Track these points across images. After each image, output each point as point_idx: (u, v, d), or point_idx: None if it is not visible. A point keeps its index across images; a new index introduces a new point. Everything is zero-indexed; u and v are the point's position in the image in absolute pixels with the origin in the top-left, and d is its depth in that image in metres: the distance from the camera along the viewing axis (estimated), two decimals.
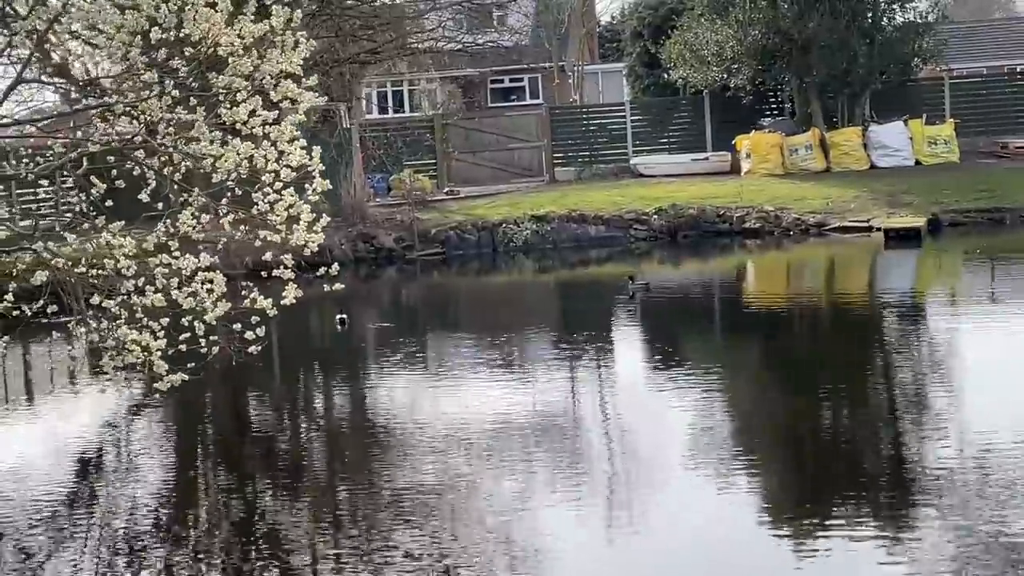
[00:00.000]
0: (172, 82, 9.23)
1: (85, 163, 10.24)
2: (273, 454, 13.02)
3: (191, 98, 9.16)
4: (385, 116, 47.24)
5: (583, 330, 19.09)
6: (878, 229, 26.62)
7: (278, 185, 9.59)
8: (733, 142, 34.57)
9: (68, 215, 9.75)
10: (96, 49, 10.00)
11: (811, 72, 33.45)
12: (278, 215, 9.65)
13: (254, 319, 9.68)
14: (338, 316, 19.76)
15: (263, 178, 9.52)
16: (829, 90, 33.99)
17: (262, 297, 9.62)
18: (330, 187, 9.89)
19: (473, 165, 37.36)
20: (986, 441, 11.08)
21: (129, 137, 9.57)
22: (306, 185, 9.93)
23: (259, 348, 9.74)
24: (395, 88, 49.28)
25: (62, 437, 14.17)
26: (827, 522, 9.46)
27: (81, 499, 11.58)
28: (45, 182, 27.01)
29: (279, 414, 15.23)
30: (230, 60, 9.24)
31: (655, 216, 29.25)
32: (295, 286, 9.70)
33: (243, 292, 9.69)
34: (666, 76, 39.76)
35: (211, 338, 9.72)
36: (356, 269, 27.64)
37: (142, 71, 8.98)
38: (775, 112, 37.16)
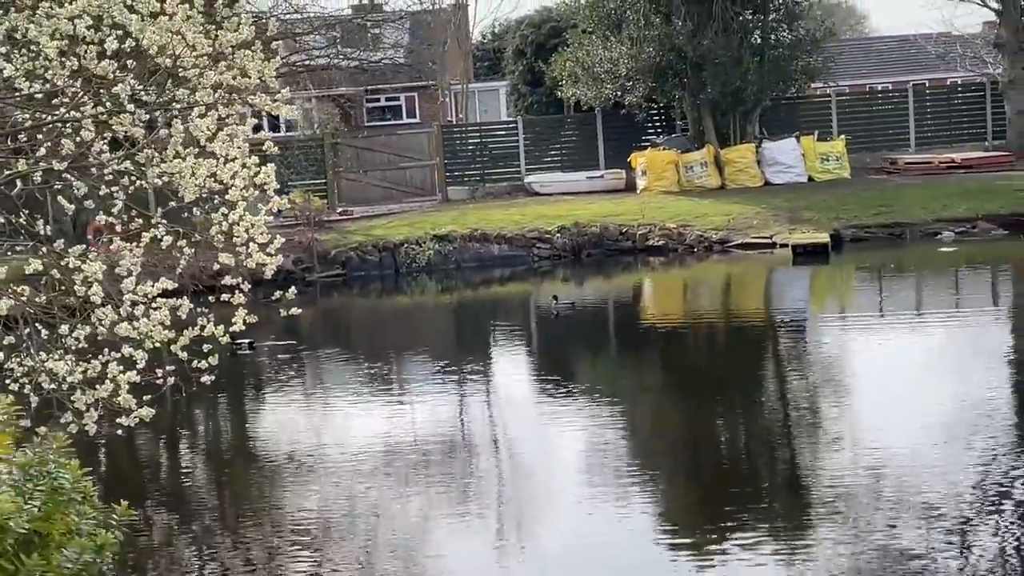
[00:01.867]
0: (131, 94, 8.50)
1: (19, 184, 9.43)
2: (157, 481, 12.72)
3: (159, 112, 8.44)
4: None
5: (491, 350, 18.92)
6: (783, 245, 26.69)
7: (241, 204, 9.00)
8: (628, 159, 34.41)
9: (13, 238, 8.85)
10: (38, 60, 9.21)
11: (705, 89, 33.51)
12: (238, 236, 9.07)
13: (206, 347, 9.03)
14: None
15: (229, 195, 8.93)
16: (721, 107, 34.09)
17: (212, 324, 9.01)
18: (287, 206, 9.32)
19: (363, 184, 36.56)
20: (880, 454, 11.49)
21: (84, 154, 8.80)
22: (259, 204, 9.38)
23: (212, 377, 9.08)
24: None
25: None
26: (724, 538, 9.70)
27: None
28: None
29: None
30: (194, 72, 8.57)
31: (558, 235, 28.91)
32: (246, 312, 9.07)
33: (198, 318, 9.07)
34: (553, 94, 39.52)
35: (167, 368, 9.03)
36: (254, 292, 26.62)
37: (106, 82, 8.21)
38: (666, 129, 37.18)
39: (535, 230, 29.27)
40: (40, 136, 9.21)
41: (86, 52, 8.35)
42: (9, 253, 9.61)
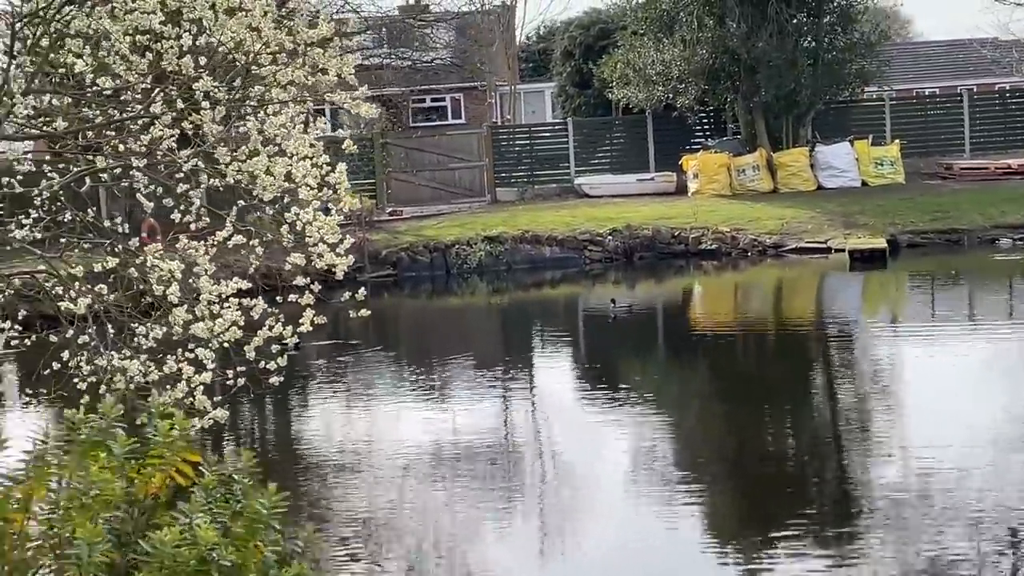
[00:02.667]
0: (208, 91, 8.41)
1: (87, 181, 9.39)
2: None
3: (233, 109, 8.35)
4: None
5: (541, 353, 18.80)
6: (838, 250, 26.38)
7: (314, 204, 8.95)
8: (680, 162, 34.14)
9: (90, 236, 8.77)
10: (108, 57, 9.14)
11: (758, 92, 33.19)
12: (310, 236, 9.00)
13: (274, 347, 8.94)
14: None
15: (301, 194, 8.86)
16: (774, 110, 33.76)
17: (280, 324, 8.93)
18: (357, 206, 9.26)
19: (413, 185, 36.48)
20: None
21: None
22: (330, 205, 9.30)
23: (280, 378, 8.99)
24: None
25: None
26: (771, 545, 9.63)
27: None
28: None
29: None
30: (269, 69, 8.50)
31: (609, 237, 28.71)
32: (313, 313, 8.96)
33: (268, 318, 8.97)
34: (602, 96, 39.28)
35: (238, 369, 8.93)
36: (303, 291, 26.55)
37: (180, 78, 8.13)
38: (717, 132, 36.87)
39: (586, 232, 29.07)
40: (110, 133, 9.15)
41: (164, 48, 8.28)
42: (75, 251, 9.54)
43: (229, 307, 8.88)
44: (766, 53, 32.28)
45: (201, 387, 8.26)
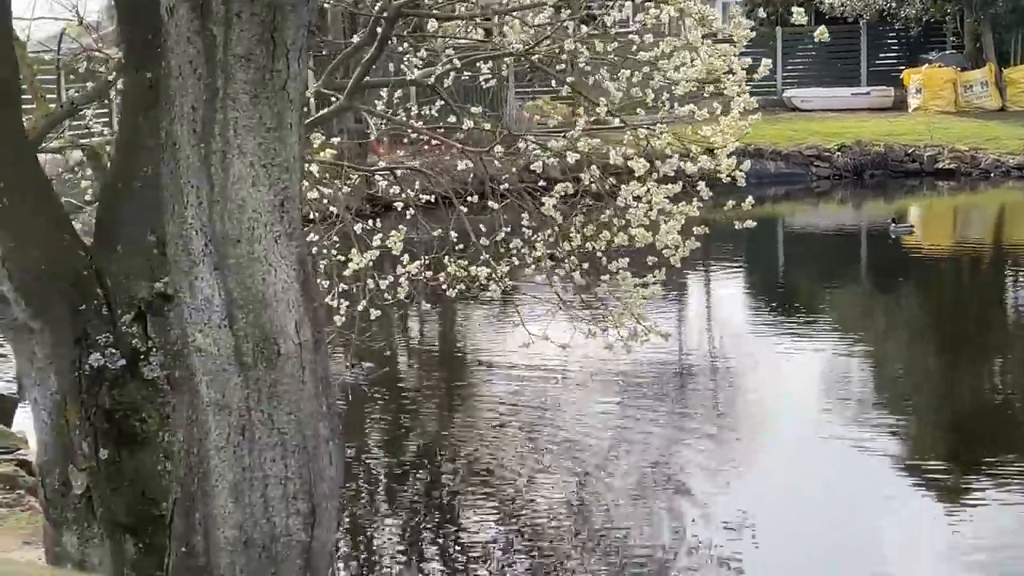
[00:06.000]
0: None
1: None
2: None
3: None
4: None
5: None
6: None
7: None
8: (901, 76, 32.38)
9: None
10: None
11: (993, 4, 31.17)
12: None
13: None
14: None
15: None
16: (1004, 22, 31.76)
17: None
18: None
19: None
20: None
21: None
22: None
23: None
24: None
25: None
26: (966, 481, 9.13)
27: None
28: None
29: None
30: None
31: (838, 153, 27.35)
32: None
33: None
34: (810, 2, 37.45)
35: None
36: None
37: None
38: (935, 46, 34.89)
39: (813, 147, 27.72)
40: None
41: None
42: None
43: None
44: None
45: None
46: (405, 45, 8.00)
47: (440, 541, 8.59)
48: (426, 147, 9.99)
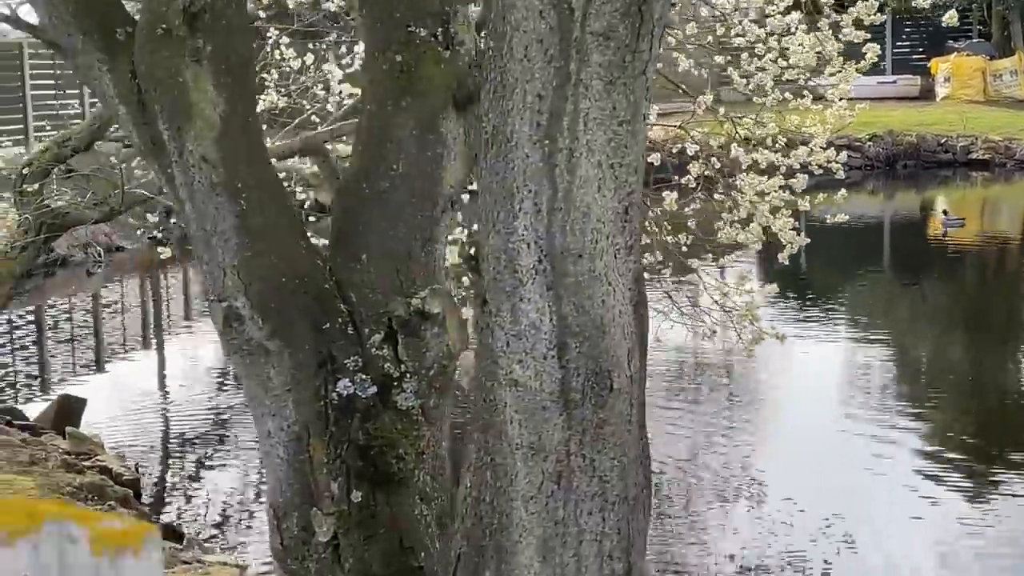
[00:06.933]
0: None
1: None
2: None
3: None
4: None
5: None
6: None
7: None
8: (928, 65, 31.90)
9: None
10: None
11: None
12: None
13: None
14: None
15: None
16: None
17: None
18: None
19: None
20: None
21: None
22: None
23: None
24: None
25: None
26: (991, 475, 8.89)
27: None
28: None
29: None
30: None
31: (869, 143, 26.85)
32: None
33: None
34: None
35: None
36: None
37: None
38: (960, 34, 34.40)
39: (843, 136, 27.10)
40: None
41: None
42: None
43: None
44: None
45: None
46: None
47: None
48: None
